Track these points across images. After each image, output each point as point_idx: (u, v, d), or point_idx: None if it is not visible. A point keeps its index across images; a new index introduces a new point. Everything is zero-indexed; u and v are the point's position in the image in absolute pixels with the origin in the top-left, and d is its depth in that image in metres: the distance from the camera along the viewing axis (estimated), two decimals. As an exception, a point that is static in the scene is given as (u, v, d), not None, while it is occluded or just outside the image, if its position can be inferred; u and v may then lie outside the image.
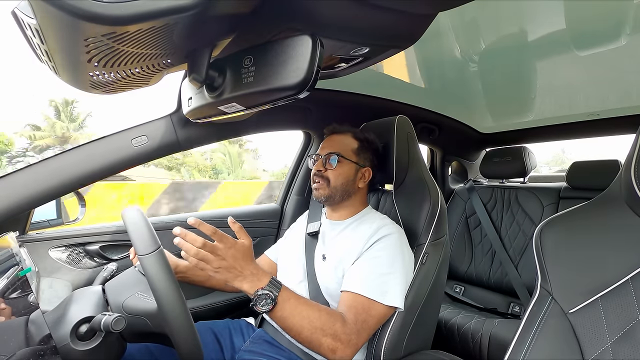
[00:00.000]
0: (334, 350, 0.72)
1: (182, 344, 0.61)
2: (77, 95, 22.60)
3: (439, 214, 0.93)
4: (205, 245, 0.65)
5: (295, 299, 0.73)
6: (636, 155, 0.53)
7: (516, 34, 0.97)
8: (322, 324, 0.72)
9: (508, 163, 1.77)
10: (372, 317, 0.78)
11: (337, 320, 0.74)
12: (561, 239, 0.60)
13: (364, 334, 0.77)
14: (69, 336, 0.61)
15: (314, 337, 0.71)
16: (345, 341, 0.73)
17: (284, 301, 0.70)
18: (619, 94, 1.33)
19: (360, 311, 0.77)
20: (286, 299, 0.71)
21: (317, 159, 1.00)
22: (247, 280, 0.69)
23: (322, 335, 0.71)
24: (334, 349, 0.72)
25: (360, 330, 0.76)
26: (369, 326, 0.77)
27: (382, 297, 0.79)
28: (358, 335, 0.75)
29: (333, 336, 0.72)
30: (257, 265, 0.72)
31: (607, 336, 0.51)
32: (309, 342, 0.72)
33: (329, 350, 0.72)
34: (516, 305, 1.54)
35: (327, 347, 0.71)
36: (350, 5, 0.50)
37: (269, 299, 0.69)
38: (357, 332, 0.75)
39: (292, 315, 0.71)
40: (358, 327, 0.75)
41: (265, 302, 0.68)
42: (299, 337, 0.72)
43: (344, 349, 0.72)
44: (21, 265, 0.68)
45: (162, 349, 0.84)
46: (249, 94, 0.51)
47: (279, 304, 0.70)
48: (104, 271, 0.90)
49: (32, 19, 0.38)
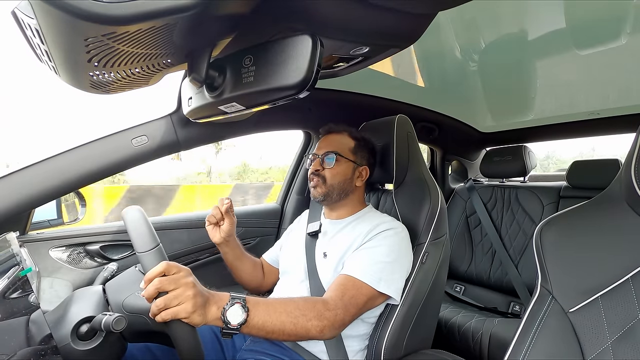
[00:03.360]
0: (322, 329, 0.70)
1: (182, 343, 0.60)
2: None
3: (439, 213, 0.93)
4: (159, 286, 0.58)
5: (264, 301, 0.69)
6: (636, 155, 0.53)
7: (516, 33, 0.97)
8: (301, 311, 0.70)
9: (508, 162, 1.76)
10: (361, 295, 0.77)
11: (318, 302, 0.73)
12: (561, 238, 0.60)
13: (352, 309, 0.76)
14: (70, 336, 0.62)
15: (299, 327, 0.69)
16: (331, 317, 0.72)
17: (255, 305, 0.66)
18: (619, 93, 1.33)
19: (349, 288, 0.77)
20: (255, 303, 0.67)
21: (314, 158, 1.00)
22: (212, 301, 0.62)
23: (306, 321, 0.69)
24: (322, 328, 0.70)
25: (348, 305, 0.75)
26: (357, 303, 0.76)
27: (377, 283, 0.79)
28: (345, 310, 0.74)
29: (317, 317, 0.70)
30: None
31: (607, 335, 0.51)
32: (295, 334, 0.69)
33: (318, 332, 0.70)
34: (516, 304, 1.54)
35: (314, 330, 0.70)
36: (350, 5, 0.50)
37: (240, 307, 0.64)
38: (343, 306, 0.74)
39: (269, 315, 0.67)
40: (345, 302, 0.75)
41: (236, 314, 0.63)
42: (285, 334, 0.68)
43: (331, 325, 0.71)
44: (22, 265, 0.68)
45: (162, 348, 0.84)
46: (249, 93, 0.51)
47: (251, 311, 0.65)
48: (104, 271, 0.90)
49: (32, 19, 0.38)
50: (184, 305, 0.58)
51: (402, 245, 0.86)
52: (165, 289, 0.58)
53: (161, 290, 0.58)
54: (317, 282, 0.90)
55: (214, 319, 0.62)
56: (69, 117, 42.27)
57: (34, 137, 37.60)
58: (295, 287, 0.94)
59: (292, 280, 0.97)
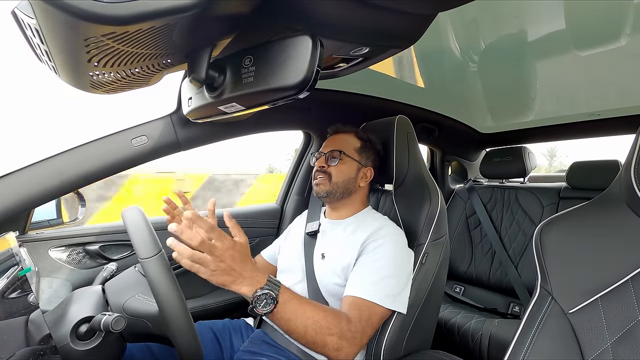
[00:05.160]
0: (339, 349, 0.71)
1: (182, 346, 0.61)
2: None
3: (438, 213, 0.93)
4: (202, 245, 0.60)
5: (298, 299, 0.71)
6: (636, 156, 0.53)
7: (516, 34, 0.97)
8: (328, 323, 0.70)
9: (508, 163, 1.77)
10: (375, 315, 0.78)
11: (343, 319, 0.73)
12: (561, 239, 0.60)
13: (369, 331, 0.77)
14: (69, 336, 0.61)
15: (319, 338, 0.69)
16: (350, 339, 0.72)
17: (286, 302, 0.68)
18: (619, 94, 1.33)
19: (364, 310, 0.77)
20: (287, 300, 0.68)
21: (319, 156, 1.01)
22: (246, 282, 0.65)
23: (328, 335, 0.70)
24: (339, 347, 0.71)
25: (365, 328, 0.75)
26: (372, 324, 0.77)
27: (386, 300, 0.79)
28: (363, 333, 0.75)
29: (339, 335, 0.71)
30: (255, 266, 0.69)
31: (607, 336, 0.51)
32: (313, 343, 0.70)
33: (334, 349, 0.70)
34: (516, 305, 1.54)
35: (332, 346, 0.70)
36: (350, 5, 0.50)
37: (270, 298, 0.65)
38: (362, 330, 0.74)
39: (296, 316, 0.68)
40: (363, 325, 0.75)
41: (266, 303, 0.65)
42: (304, 339, 0.70)
43: (349, 347, 0.72)
44: (21, 265, 0.68)
45: (162, 348, 0.84)
46: (249, 94, 0.51)
47: (280, 305, 0.67)
48: (103, 271, 0.90)
49: (32, 19, 0.38)
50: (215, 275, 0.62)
51: (402, 253, 0.86)
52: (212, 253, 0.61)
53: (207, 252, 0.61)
54: (314, 283, 0.90)
55: (244, 294, 0.65)
56: (68, 117, 42.36)
57: (33, 137, 37.68)
58: (292, 287, 0.94)
59: (289, 280, 0.96)
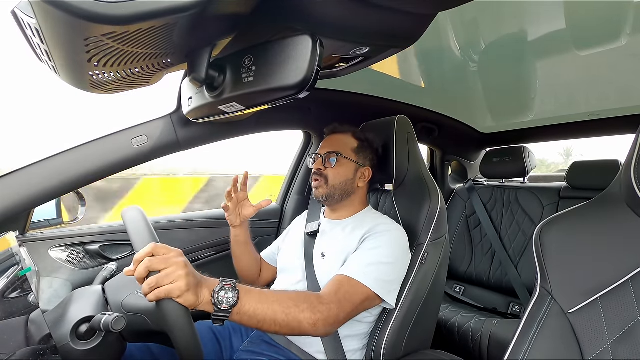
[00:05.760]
0: (315, 323, 0.67)
1: (181, 343, 0.60)
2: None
3: (438, 213, 0.93)
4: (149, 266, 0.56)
5: (256, 289, 0.66)
6: (636, 156, 0.53)
7: (516, 34, 0.97)
8: (294, 302, 0.67)
9: (508, 163, 1.77)
10: (357, 294, 0.76)
11: (310, 295, 0.72)
12: (561, 238, 0.60)
13: (346, 305, 0.73)
14: (69, 336, 0.62)
15: (292, 317, 0.65)
16: (324, 311, 0.69)
17: (247, 291, 0.63)
18: (619, 94, 1.33)
19: (344, 285, 0.76)
20: (248, 290, 0.64)
21: (316, 158, 1.00)
22: (204, 284, 0.60)
23: (299, 312, 0.66)
24: (315, 322, 0.67)
25: (342, 301, 0.73)
26: (352, 300, 0.75)
27: (373, 283, 0.78)
28: (339, 305, 0.72)
29: (310, 309, 0.68)
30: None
31: (606, 336, 0.51)
32: (288, 326, 0.66)
33: (311, 325, 0.67)
34: (516, 305, 1.54)
35: (307, 322, 0.67)
36: (350, 5, 0.50)
37: (230, 290, 0.61)
38: (337, 302, 0.72)
39: (261, 302, 0.64)
40: (339, 297, 0.73)
41: (227, 295, 0.60)
42: (277, 325, 0.65)
43: (324, 318, 0.69)
44: (21, 265, 0.68)
45: (162, 348, 0.84)
46: (249, 93, 0.51)
47: (243, 295, 0.62)
48: (103, 271, 0.90)
49: (32, 18, 0.38)
50: (177, 283, 0.55)
51: (400, 247, 0.86)
52: (156, 268, 0.55)
53: (152, 270, 0.55)
54: (314, 282, 0.90)
55: (206, 302, 0.59)
56: (68, 117, 42.31)
57: (33, 137, 37.63)
58: (292, 286, 0.94)
59: (289, 280, 0.97)
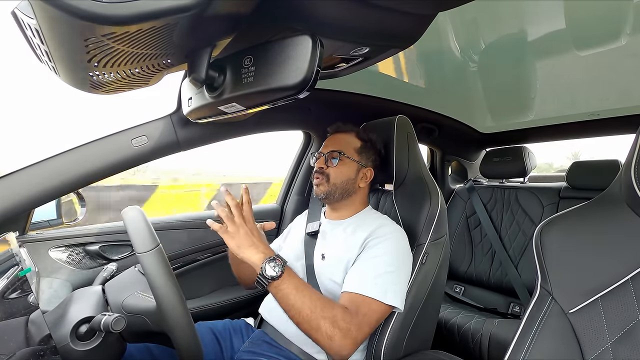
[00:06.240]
0: (331, 337, 0.69)
1: (181, 343, 0.60)
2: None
3: (438, 213, 0.93)
4: (235, 208, 0.75)
5: (300, 279, 0.75)
6: (636, 156, 0.53)
7: (516, 34, 0.97)
8: (323, 305, 0.71)
9: (508, 163, 1.77)
10: (373, 312, 0.77)
11: (338, 307, 0.73)
12: (561, 239, 0.60)
13: (365, 328, 0.75)
14: (69, 336, 0.61)
15: (314, 318, 0.69)
16: (344, 329, 0.70)
17: (291, 275, 0.73)
18: (619, 94, 1.33)
19: (361, 305, 0.76)
20: (292, 275, 0.73)
21: (319, 156, 1.00)
22: (260, 249, 0.73)
23: (322, 318, 0.69)
24: (332, 335, 0.69)
25: (361, 323, 0.74)
26: (370, 321, 0.76)
27: (383, 295, 0.78)
28: (358, 328, 0.73)
29: (332, 321, 0.70)
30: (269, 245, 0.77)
31: (607, 336, 0.51)
32: (309, 323, 0.70)
33: (326, 336, 0.69)
34: (516, 305, 1.54)
35: (324, 332, 0.69)
36: (350, 5, 0.50)
37: (279, 265, 0.71)
38: (357, 324, 0.73)
39: (297, 290, 0.71)
40: (359, 319, 0.74)
41: (275, 265, 0.71)
42: (301, 317, 0.70)
43: (341, 338, 0.70)
44: (21, 265, 0.68)
45: (162, 349, 0.84)
46: (249, 94, 0.51)
47: (286, 274, 0.72)
48: (103, 271, 0.90)
49: (32, 19, 0.38)
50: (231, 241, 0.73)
51: (402, 250, 0.86)
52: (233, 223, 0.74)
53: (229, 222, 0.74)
54: (314, 283, 0.90)
55: (254, 263, 0.72)
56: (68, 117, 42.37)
57: (33, 137, 37.65)
58: None
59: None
